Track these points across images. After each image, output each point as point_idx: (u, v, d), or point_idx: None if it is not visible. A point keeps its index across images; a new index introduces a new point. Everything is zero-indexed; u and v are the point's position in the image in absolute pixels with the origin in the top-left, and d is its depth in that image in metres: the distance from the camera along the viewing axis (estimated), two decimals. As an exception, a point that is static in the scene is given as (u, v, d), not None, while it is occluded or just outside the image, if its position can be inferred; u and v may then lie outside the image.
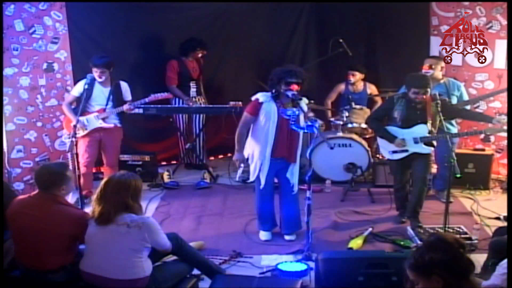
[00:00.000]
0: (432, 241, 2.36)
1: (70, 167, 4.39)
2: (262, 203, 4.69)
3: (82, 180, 5.19)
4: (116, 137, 5.59)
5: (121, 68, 6.39)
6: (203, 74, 6.70)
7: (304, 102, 4.51)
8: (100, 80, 5.33)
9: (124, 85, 5.56)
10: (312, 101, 5.88)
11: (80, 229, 3.28)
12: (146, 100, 5.52)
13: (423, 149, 4.77)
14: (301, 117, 4.42)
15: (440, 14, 6.51)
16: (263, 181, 4.53)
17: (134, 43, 6.59)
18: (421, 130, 4.74)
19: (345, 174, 6.07)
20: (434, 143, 4.81)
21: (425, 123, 4.73)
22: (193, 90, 6.60)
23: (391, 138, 4.83)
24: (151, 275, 3.28)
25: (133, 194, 3.28)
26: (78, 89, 5.43)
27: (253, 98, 4.53)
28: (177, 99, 6.49)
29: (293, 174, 4.57)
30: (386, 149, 4.97)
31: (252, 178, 4.56)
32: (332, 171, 6.02)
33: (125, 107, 5.42)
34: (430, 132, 4.75)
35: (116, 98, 5.45)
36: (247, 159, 4.62)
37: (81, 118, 5.29)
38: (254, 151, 4.53)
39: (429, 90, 4.68)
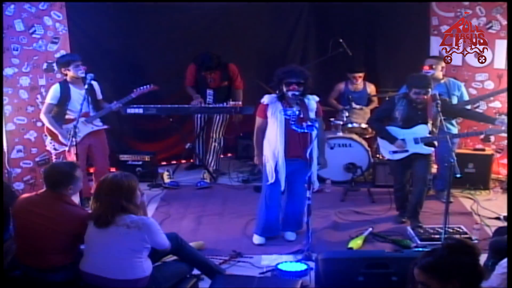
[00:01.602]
0: (455, 244, 2.28)
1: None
2: (269, 207, 4.63)
3: None
4: (104, 139, 5.52)
5: (121, 68, 6.41)
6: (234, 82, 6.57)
7: (313, 100, 4.52)
8: (83, 75, 5.16)
9: (95, 84, 5.40)
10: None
11: (83, 229, 3.29)
12: (133, 95, 5.40)
13: (423, 149, 4.77)
14: (311, 115, 4.41)
15: (440, 14, 6.51)
16: (282, 183, 4.50)
17: (133, 43, 6.59)
18: (422, 130, 4.74)
19: (345, 174, 6.08)
20: (435, 143, 4.81)
21: (426, 123, 4.73)
22: (209, 98, 6.46)
23: (392, 139, 4.84)
24: (151, 275, 3.27)
25: (127, 195, 3.24)
26: (54, 95, 5.21)
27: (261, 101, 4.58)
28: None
29: (312, 173, 4.43)
30: (386, 149, 4.97)
31: (271, 180, 4.52)
32: (332, 171, 6.01)
33: (113, 106, 5.32)
34: (431, 132, 4.75)
35: (93, 99, 5.33)
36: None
37: (68, 127, 5.12)
38: (268, 153, 4.52)
39: (430, 90, 4.69)
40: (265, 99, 4.52)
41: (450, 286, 2.22)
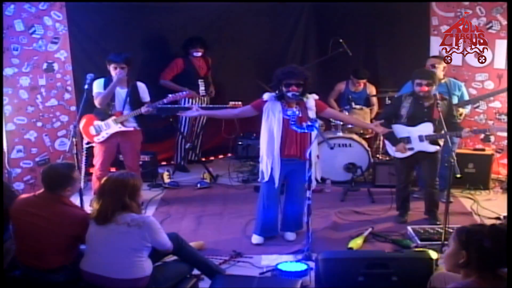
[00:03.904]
0: (496, 228, 2.35)
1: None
2: (267, 207, 4.62)
3: (97, 183, 5.18)
4: (135, 141, 5.40)
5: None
6: (210, 72, 6.75)
7: (312, 98, 4.52)
8: (120, 76, 5.15)
9: (141, 86, 5.37)
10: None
11: (82, 230, 3.29)
12: (165, 101, 5.36)
13: (428, 147, 4.75)
14: (310, 114, 4.41)
15: (440, 14, 6.51)
16: (276, 181, 4.50)
17: (134, 43, 6.58)
18: (427, 128, 4.72)
19: (345, 174, 6.08)
20: (441, 142, 4.79)
21: (431, 121, 4.71)
22: (201, 89, 6.61)
23: (394, 142, 4.84)
24: (151, 275, 3.28)
25: (131, 193, 3.27)
26: (98, 85, 5.21)
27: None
28: (185, 100, 6.49)
29: (310, 172, 4.34)
30: (392, 147, 4.96)
31: (266, 178, 4.52)
32: (332, 171, 6.02)
33: (143, 109, 5.22)
34: (436, 130, 4.73)
35: (134, 99, 5.29)
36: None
37: (99, 123, 5.20)
38: (263, 151, 4.53)
39: (432, 82, 4.69)
40: (266, 96, 4.54)
41: (460, 254, 2.32)
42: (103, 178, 5.17)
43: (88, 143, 5.39)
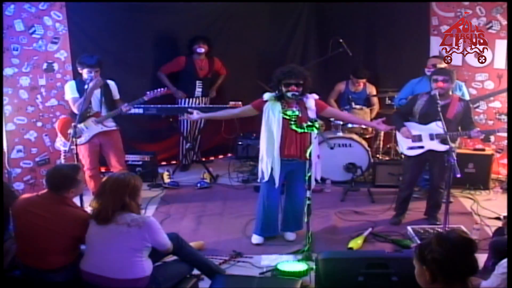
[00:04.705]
0: (441, 236, 2.31)
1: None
2: (267, 207, 4.63)
3: (92, 182, 5.22)
4: (116, 140, 5.41)
5: (121, 68, 6.41)
6: (212, 73, 6.73)
7: (312, 98, 4.52)
8: (95, 80, 5.09)
9: (112, 84, 5.36)
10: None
11: (84, 231, 3.30)
12: (145, 98, 5.33)
13: (438, 146, 4.73)
14: (310, 113, 4.41)
15: (440, 14, 6.51)
16: (276, 181, 4.50)
17: (134, 43, 6.58)
18: (437, 127, 4.66)
19: (345, 174, 6.08)
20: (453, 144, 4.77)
21: (445, 120, 4.60)
22: (198, 90, 6.63)
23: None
24: (151, 275, 3.28)
25: (131, 193, 3.28)
26: (71, 89, 5.16)
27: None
28: (182, 100, 6.53)
29: (311, 172, 4.31)
30: (403, 145, 4.95)
31: (266, 178, 4.52)
32: (332, 171, 6.02)
33: (124, 108, 5.22)
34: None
35: (108, 99, 5.28)
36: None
37: (79, 125, 5.07)
38: (264, 151, 4.53)
39: (449, 79, 4.67)
40: (266, 96, 4.54)
41: (424, 272, 2.26)
42: (95, 175, 5.29)
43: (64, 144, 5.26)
